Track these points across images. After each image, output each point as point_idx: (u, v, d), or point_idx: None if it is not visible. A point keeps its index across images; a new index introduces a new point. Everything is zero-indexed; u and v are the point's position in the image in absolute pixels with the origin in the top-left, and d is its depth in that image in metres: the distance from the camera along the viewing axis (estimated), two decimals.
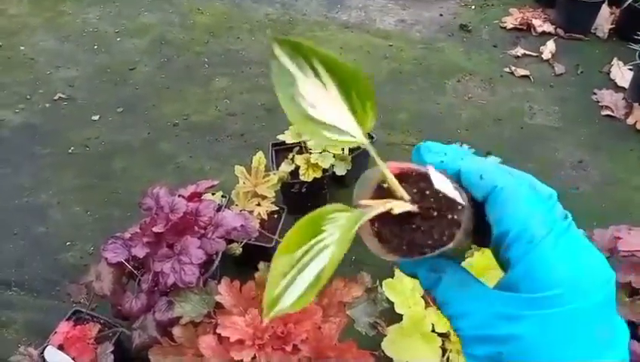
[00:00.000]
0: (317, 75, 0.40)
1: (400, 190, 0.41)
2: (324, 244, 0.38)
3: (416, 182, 0.43)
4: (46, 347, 1.61)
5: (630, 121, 2.58)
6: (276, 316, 0.37)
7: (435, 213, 0.41)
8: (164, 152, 2.58)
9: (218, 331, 1.34)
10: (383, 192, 0.43)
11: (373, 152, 0.43)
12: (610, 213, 2.18)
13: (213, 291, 1.52)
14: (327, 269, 0.37)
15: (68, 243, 2.19)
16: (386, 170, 0.41)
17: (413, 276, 0.45)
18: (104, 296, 1.62)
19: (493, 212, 0.41)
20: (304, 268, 0.37)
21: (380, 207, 0.40)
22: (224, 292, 1.45)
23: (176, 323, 1.50)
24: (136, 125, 2.71)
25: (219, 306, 1.48)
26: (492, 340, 0.38)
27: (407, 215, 0.41)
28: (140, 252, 1.60)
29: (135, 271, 1.66)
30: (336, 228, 0.39)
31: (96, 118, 2.76)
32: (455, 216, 0.40)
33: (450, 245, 0.39)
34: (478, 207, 0.42)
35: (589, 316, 0.36)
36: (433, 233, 0.40)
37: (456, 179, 0.43)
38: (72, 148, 2.59)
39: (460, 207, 0.40)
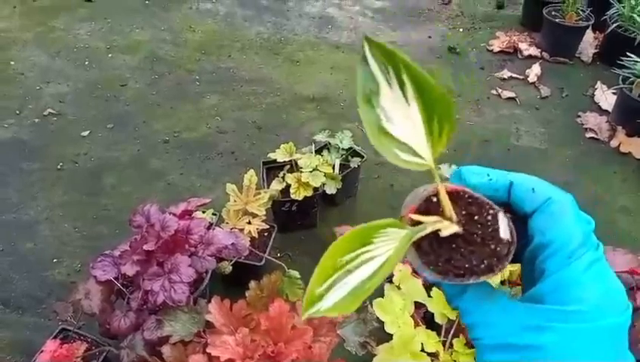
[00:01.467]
0: (403, 89, 0.39)
1: (449, 209, 0.42)
2: (370, 256, 0.39)
3: (466, 204, 0.43)
4: None
5: (614, 143, 2.64)
6: (314, 316, 0.37)
7: (479, 240, 0.41)
8: (155, 169, 2.58)
9: (208, 350, 1.33)
10: (430, 206, 0.43)
11: (436, 176, 0.43)
12: (596, 234, 2.20)
13: (204, 310, 1.52)
14: (376, 279, 0.37)
15: (55, 260, 2.17)
16: (442, 186, 0.42)
17: (437, 284, 0.46)
18: (93, 315, 1.61)
19: (541, 222, 0.43)
20: (349, 274, 0.38)
21: (430, 227, 0.41)
22: (214, 311, 1.45)
23: (166, 342, 1.49)
24: (126, 141, 2.71)
25: (209, 325, 1.47)
26: (513, 348, 0.40)
27: (452, 234, 0.41)
28: (129, 270, 1.59)
29: (124, 289, 1.65)
30: (385, 242, 0.39)
31: (86, 133, 2.75)
32: (498, 249, 0.41)
33: (489, 276, 0.40)
34: (518, 221, 0.44)
35: (610, 335, 0.39)
36: (472, 258, 0.41)
37: (505, 192, 0.45)
38: (62, 163, 2.58)
39: (505, 241, 0.41)
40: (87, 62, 3.22)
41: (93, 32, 3.47)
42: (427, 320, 1.61)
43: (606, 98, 2.89)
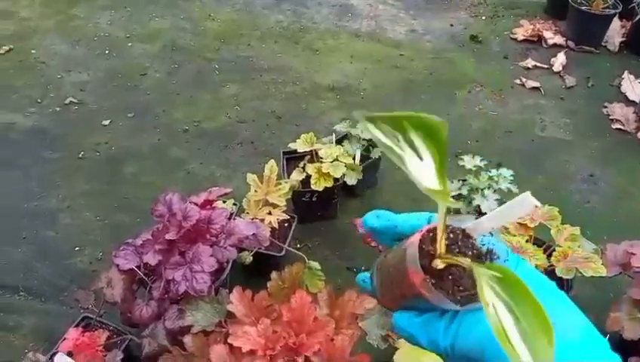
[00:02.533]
0: (413, 146, 0.41)
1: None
2: None
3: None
4: (55, 353, 1.60)
5: None
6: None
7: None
8: (175, 158, 2.58)
9: (229, 341, 1.33)
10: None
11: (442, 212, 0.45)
12: (622, 227, 2.16)
13: (225, 300, 1.51)
14: None
15: (77, 249, 2.19)
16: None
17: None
18: (115, 303, 1.61)
19: None
20: None
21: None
22: (236, 301, 1.44)
23: (187, 332, 1.49)
24: (146, 130, 2.72)
25: (230, 315, 1.47)
26: None
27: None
28: (151, 259, 1.59)
29: (146, 278, 1.65)
30: None
31: (106, 122, 2.76)
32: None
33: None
34: None
35: None
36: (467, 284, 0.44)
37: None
38: (82, 152, 2.59)
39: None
40: (107, 51, 3.22)
41: (112, 20, 3.47)
42: None
43: (633, 88, 2.81)
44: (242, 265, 1.88)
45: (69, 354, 1.57)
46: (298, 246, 2.14)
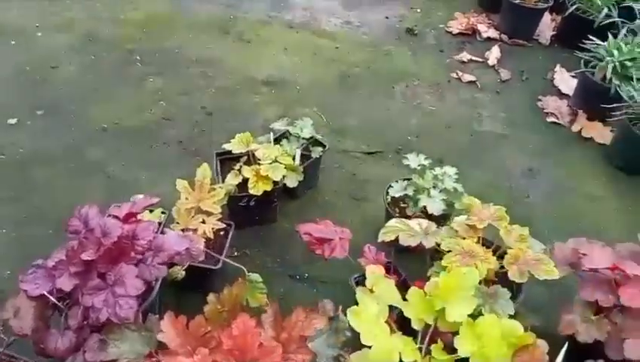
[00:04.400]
0: None
1: None
2: None
3: None
4: None
5: (575, 128, 2.61)
6: None
7: None
8: (93, 161, 2.33)
9: None
10: None
11: None
12: (562, 221, 2.17)
13: (155, 327, 1.34)
14: None
15: None
16: None
17: None
18: (24, 336, 1.39)
19: None
20: None
21: None
22: (168, 329, 1.28)
23: None
24: (59, 130, 2.45)
25: (162, 345, 1.29)
26: None
27: None
28: (66, 284, 1.38)
29: (60, 304, 1.44)
30: None
31: (13, 121, 2.47)
32: None
33: None
34: None
35: None
36: None
37: None
38: None
39: None
40: (13, 43, 2.88)
41: (21, 8, 3.10)
42: (401, 321, 1.49)
43: (566, 81, 2.86)
44: (174, 281, 1.69)
45: None
46: (236, 254, 1.98)
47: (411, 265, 1.74)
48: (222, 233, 1.86)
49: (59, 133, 2.43)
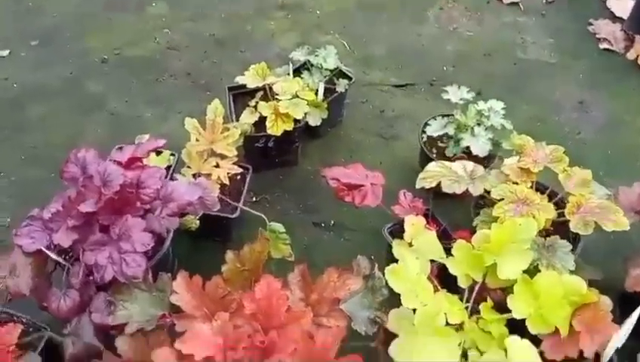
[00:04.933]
0: None
1: None
2: None
3: None
4: None
5: (631, 55, 2.33)
6: None
7: None
8: (93, 95, 2.16)
9: (177, 347, 1.01)
10: None
11: None
12: (618, 161, 1.94)
13: (167, 287, 1.18)
14: None
15: None
16: None
17: None
18: (22, 296, 1.25)
19: None
20: None
21: None
22: (182, 291, 1.12)
23: (121, 329, 1.15)
24: (55, 62, 2.27)
25: (176, 307, 1.14)
26: None
27: None
28: (64, 239, 1.22)
29: (61, 260, 1.28)
30: None
31: (4, 53, 2.31)
32: None
33: None
34: None
35: None
36: None
37: None
38: None
39: None
40: None
41: None
42: (442, 275, 1.32)
43: (620, 3, 2.53)
44: (189, 231, 1.53)
45: None
46: (254, 199, 1.81)
47: (452, 213, 1.56)
48: (238, 177, 1.67)
49: (55, 65, 2.26)
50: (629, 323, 1.21)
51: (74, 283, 1.25)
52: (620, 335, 1.19)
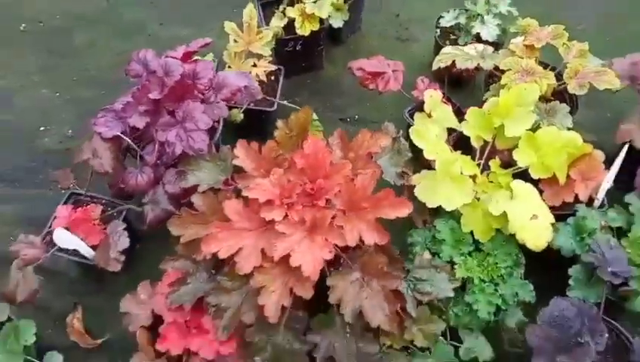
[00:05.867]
0: None
1: None
2: None
3: None
4: (49, 232, 1.49)
5: None
6: None
7: None
8: (130, 21, 2.30)
9: (244, 193, 1.24)
10: None
11: None
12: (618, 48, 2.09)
13: (228, 156, 1.40)
14: None
15: (42, 129, 1.99)
16: None
17: None
18: (105, 173, 1.47)
19: None
20: None
21: None
22: (242, 155, 1.33)
23: (191, 194, 1.39)
24: None
25: (238, 171, 1.36)
26: None
27: None
28: (138, 122, 1.44)
29: (134, 145, 1.51)
30: None
31: None
32: None
33: None
34: None
35: None
36: None
37: None
38: (24, 25, 2.27)
39: None
40: None
41: None
42: (458, 145, 1.53)
43: None
44: (233, 125, 1.75)
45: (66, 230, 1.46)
46: (286, 102, 2.00)
47: (464, 98, 1.74)
48: (272, 78, 1.87)
49: None
50: (616, 165, 1.42)
51: (148, 160, 1.48)
52: (609, 177, 1.40)
